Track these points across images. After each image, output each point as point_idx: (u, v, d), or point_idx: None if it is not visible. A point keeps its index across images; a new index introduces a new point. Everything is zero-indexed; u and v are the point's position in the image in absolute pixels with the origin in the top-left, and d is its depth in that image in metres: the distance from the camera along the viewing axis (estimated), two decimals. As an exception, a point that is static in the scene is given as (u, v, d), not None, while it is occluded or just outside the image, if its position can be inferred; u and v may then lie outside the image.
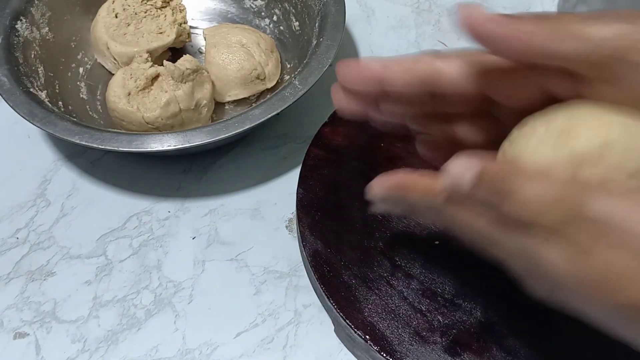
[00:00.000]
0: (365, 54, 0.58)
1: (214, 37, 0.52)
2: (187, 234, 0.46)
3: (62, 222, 0.47)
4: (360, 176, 0.45)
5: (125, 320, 0.42)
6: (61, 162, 0.50)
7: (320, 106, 0.51)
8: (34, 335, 0.41)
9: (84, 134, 0.43)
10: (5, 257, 0.45)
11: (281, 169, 0.50)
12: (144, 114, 0.47)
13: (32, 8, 0.52)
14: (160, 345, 0.41)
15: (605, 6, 0.56)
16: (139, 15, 0.53)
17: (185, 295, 0.43)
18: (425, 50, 0.58)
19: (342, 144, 0.47)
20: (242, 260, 0.45)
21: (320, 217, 0.43)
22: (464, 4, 0.27)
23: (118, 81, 0.48)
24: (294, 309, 0.42)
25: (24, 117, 0.44)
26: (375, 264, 0.41)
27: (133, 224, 0.47)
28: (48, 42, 0.53)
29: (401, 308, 0.39)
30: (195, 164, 0.50)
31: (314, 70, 0.46)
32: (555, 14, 0.28)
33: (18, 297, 0.43)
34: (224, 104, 0.53)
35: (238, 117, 0.44)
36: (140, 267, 0.44)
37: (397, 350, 0.37)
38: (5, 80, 0.46)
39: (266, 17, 0.58)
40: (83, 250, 0.45)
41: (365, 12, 0.62)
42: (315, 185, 0.45)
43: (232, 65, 0.50)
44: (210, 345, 0.41)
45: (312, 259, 0.41)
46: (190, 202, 0.48)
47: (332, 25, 0.50)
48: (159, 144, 0.43)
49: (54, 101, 0.49)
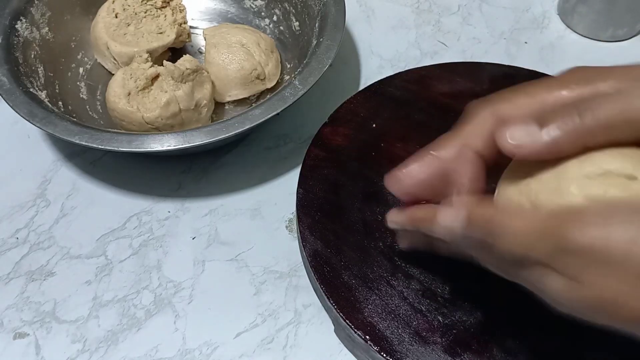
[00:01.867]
0: (365, 54, 0.58)
1: (214, 37, 0.52)
2: (187, 234, 0.46)
3: (62, 222, 0.47)
4: (360, 176, 0.45)
5: (125, 320, 0.42)
6: (61, 162, 0.50)
7: (320, 106, 0.51)
8: (34, 336, 0.41)
9: (84, 134, 0.43)
10: (5, 257, 0.45)
11: (281, 169, 0.50)
12: (144, 114, 0.47)
13: (32, 8, 0.52)
14: (160, 345, 0.41)
15: (605, 6, 0.56)
16: (139, 15, 0.53)
17: (185, 295, 0.43)
18: (426, 49, 0.58)
19: (342, 144, 0.47)
20: (242, 261, 0.45)
21: (320, 217, 0.43)
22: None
23: (118, 81, 0.48)
24: (294, 309, 0.42)
25: (24, 117, 0.44)
26: (375, 264, 0.41)
27: (133, 224, 0.47)
28: (48, 42, 0.53)
29: (401, 308, 0.39)
30: (195, 164, 0.50)
31: (314, 70, 0.46)
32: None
33: (18, 297, 0.43)
34: (224, 104, 0.53)
35: (238, 117, 0.44)
36: (140, 267, 0.44)
37: (397, 350, 0.37)
38: (5, 80, 0.46)
39: (266, 17, 0.58)
40: (83, 250, 0.45)
41: (365, 12, 0.62)
42: (315, 185, 0.45)
43: (232, 65, 0.50)
44: (210, 345, 0.41)
45: (312, 259, 0.41)
46: (190, 202, 0.48)
47: (332, 25, 0.50)
48: (159, 144, 0.43)
49: (54, 101, 0.49)
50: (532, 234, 0.26)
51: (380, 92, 0.50)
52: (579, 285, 0.25)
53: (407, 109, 0.49)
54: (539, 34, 0.59)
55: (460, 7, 0.62)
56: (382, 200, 0.44)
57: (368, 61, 0.58)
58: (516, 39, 0.59)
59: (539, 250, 0.26)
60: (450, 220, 0.30)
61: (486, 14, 0.61)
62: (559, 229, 0.25)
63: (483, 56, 0.58)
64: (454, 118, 0.49)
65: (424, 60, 0.57)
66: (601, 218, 0.24)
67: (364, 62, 0.58)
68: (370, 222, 0.43)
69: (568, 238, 0.25)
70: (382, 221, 0.43)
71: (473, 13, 0.62)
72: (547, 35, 0.59)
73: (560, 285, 0.26)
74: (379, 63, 0.57)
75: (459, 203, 0.30)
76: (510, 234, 0.27)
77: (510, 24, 0.61)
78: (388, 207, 0.43)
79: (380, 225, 0.42)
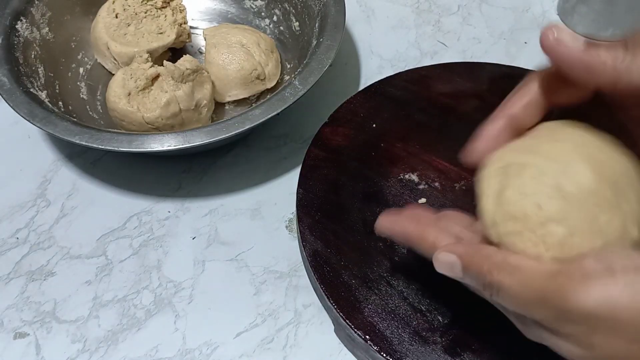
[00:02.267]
0: (365, 54, 0.58)
1: (214, 37, 0.52)
2: (187, 234, 0.46)
3: (62, 222, 0.47)
4: (361, 176, 0.45)
5: (125, 320, 0.42)
6: (61, 162, 0.50)
7: (320, 106, 0.51)
8: (34, 335, 0.41)
9: (84, 134, 0.43)
10: (6, 257, 0.45)
11: (281, 169, 0.50)
12: (144, 114, 0.47)
13: (32, 8, 0.52)
14: (160, 345, 0.41)
15: (605, 6, 0.56)
16: (139, 15, 0.53)
17: (185, 295, 0.43)
18: (426, 49, 0.58)
19: (342, 144, 0.47)
20: (242, 260, 0.45)
21: (320, 217, 0.43)
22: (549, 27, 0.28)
23: (118, 81, 0.48)
24: (294, 309, 0.42)
25: (24, 117, 0.44)
26: (375, 264, 0.41)
27: (133, 224, 0.47)
28: (48, 42, 0.53)
29: (401, 308, 0.39)
30: (195, 164, 0.50)
31: (314, 70, 0.46)
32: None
33: (18, 297, 0.43)
34: (224, 104, 0.53)
35: (238, 117, 0.44)
36: (140, 267, 0.44)
37: (397, 350, 0.37)
38: (6, 80, 0.46)
39: (266, 17, 0.58)
40: (83, 250, 0.45)
41: (365, 12, 0.62)
42: (315, 185, 0.45)
43: (232, 66, 0.50)
44: (210, 345, 0.41)
45: (312, 259, 0.41)
46: (190, 202, 0.48)
47: (332, 25, 0.50)
48: (159, 144, 0.43)
49: (54, 101, 0.49)
50: (532, 297, 0.26)
51: (380, 92, 0.50)
52: (590, 349, 0.25)
53: (407, 109, 0.49)
54: (539, 34, 0.59)
55: (460, 7, 0.62)
56: (382, 200, 0.44)
57: (368, 61, 0.58)
58: (516, 39, 0.59)
59: (540, 315, 0.26)
60: (445, 268, 0.30)
61: (486, 14, 0.61)
62: (558, 294, 0.24)
63: (483, 56, 0.58)
64: (454, 118, 0.49)
65: (424, 60, 0.57)
66: (602, 282, 0.24)
67: (364, 62, 0.58)
68: (370, 222, 0.43)
69: (571, 305, 0.24)
70: (382, 221, 0.43)
71: (473, 13, 0.62)
72: (547, 35, 0.59)
73: (572, 348, 0.25)
74: (379, 63, 0.57)
75: (454, 250, 0.29)
76: (509, 295, 0.26)
77: (510, 24, 0.61)
78: (388, 207, 0.44)
79: (380, 225, 0.42)
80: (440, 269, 0.30)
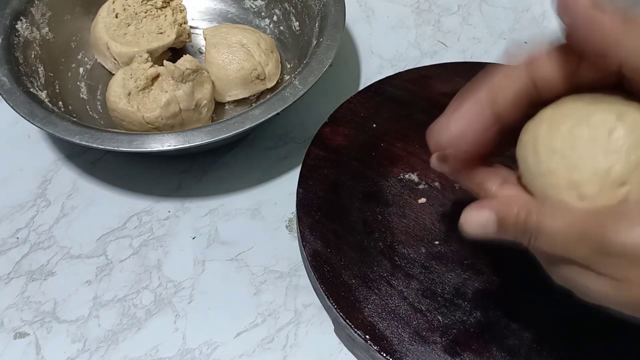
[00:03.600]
0: (365, 54, 0.58)
1: (214, 37, 0.52)
2: (187, 234, 0.46)
3: (62, 222, 0.47)
4: (360, 176, 0.45)
5: (126, 320, 0.42)
6: (61, 162, 0.50)
7: (320, 106, 0.51)
8: (34, 335, 0.41)
9: (84, 134, 0.43)
10: (6, 257, 0.45)
11: (281, 169, 0.50)
12: (144, 114, 0.47)
13: (32, 8, 0.52)
14: (160, 345, 0.41)
15: (605, 6, 0.56)
16: (139, 15, 0.53)
17: (185, 295, 0.43)
18: (426, 49, 0.58)
19: (342, 144, 0.47)
20: (242, 260, 0.45)
21: (320, 217, 0.43)
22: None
23: (118, 81, 0.48)
24: (294, 309, 0.42)
25: (24, 117, 0.44)
26: (375, 264, 0.41)
27: (133, 224, 0.47)
28: (48, 42, 0.53)
29: (401, 308, 0.39)
30: (195, 164, 0.50)
31: (314, 70, 0.46)
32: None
33: (18, 297, 0.43)
34: (224, 104, 0.53)
35: (238, 117, 0.44)
36: (141, 267, 0.44)
37: (397, 350, 0.37)
38: (6, 80, 0.46)
39: (266, 17, 0.58)
40: (83, 250, 0.45)
41: (365, 12, 0.62)
42: (315, 185, 0.45)
43: (232, 65, 0.50)
44: (210, 345, 0.41)
45: (312, 259, 0.41)
46: (190, 202, 0.48)
47: (332, 25, 0.50)
48: (159, 144, 0.43)
49: (54, 101, 0.49)
50: (571, 235, 0.26)
51: (380, 92, 0.50)
52: (624, 285, 0.25)
53: (407, 109, 0.49)
54: (539, 34, 0.59)
55: (460, 7, 0.62)
56: (382, 200, 0.44)
57: (368, 61, 0.58)
58: (516, 39, 0.59)
59: (580, 251, 0.26)
60: (476, 227, 0.29)
61: (486, 14, 0.61)
62: (599, 230, 0.25)
63: (483, 56, 0.58)
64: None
65: (424, 60, 0.57)
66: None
67: (364, 62, 0.58)
68: (370, 222, 0.43)
69: (610, 239, 0.24)
70: (382, 221, 0.43)
71: (473, 13, 0.62)
72: (547, 35, 0.59)
73: (602, 286, 0.26)
74: (379, 63, 0.57)
75: (487, 205, 0.29)
76: (550, 236, 0.26)
77: (510, 24, 0.61)
78: (388, 207, 0.44)
79: (380, 225, 0.43)
80: (469, 228, 0.29)
